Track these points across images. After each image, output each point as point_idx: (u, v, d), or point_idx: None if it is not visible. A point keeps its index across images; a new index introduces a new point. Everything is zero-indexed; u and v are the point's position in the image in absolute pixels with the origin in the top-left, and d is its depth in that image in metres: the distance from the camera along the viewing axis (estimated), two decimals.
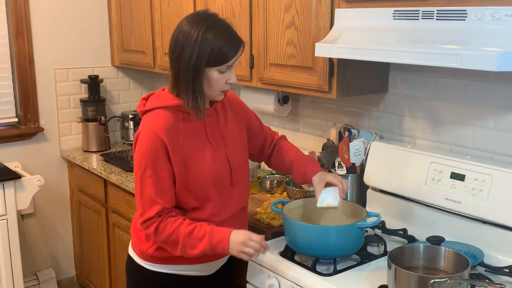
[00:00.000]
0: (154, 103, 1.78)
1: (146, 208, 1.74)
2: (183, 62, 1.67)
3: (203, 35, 1.64)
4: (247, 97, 2.75)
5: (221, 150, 1.83)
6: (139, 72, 3.72)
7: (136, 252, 1.92)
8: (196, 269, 1.89)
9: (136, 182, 1.77)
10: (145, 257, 1.88)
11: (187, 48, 1.65)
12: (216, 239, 1.70)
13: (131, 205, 2.84)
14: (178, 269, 1.87)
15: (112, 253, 3.15)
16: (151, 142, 1.71)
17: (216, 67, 1.67)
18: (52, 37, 3.38)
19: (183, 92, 1.71)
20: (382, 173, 2.18)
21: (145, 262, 1.88)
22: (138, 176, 1.76)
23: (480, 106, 1.99)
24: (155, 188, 1.73)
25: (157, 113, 1.75)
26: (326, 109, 2.60)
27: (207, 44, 1.64)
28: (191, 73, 1.67)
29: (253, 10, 2.38)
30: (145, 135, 1.73)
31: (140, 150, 1.74)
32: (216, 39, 1.64)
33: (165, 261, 1.85)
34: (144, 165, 1.73)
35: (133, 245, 1.95)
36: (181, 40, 1.67)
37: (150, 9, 3.11)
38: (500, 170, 1.84)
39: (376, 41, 1.78)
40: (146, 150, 1.72)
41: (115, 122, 3.67)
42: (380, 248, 1.94)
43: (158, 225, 1.72)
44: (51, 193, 3.47)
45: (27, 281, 3.34)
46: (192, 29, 1.66)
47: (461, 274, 1.50)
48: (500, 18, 1.51)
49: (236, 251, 1.70)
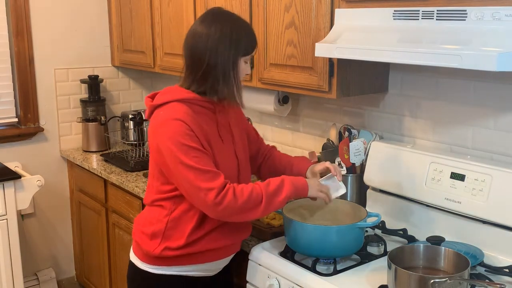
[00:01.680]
0: (167, 97, 1.78)
1: (210, 182, 1.67)
2: (221, 57, 1.73)
3: (235, 28, 1.76)
4: (247, 97, 2.73)
5: (230, 146, 1.86)
6: (139, 72, 3.72)
7: (139, 256, 1.88)
8: (201, 270, 1.88)
9: (182, 170, 1.68)
10: (150, 259, 1.84)
11: (223, 43, 1.73)
12: (295, 180, 1.77)
13: (131, 205, 2.84)
14: (183, 270, 1.85)
15: (112, 253, 3.15)
16: (179, 128, 1.69)
17: (246, 56, 1.79)
18: (52, 37, 3.38)
19: (222, 87, 1.76)
20: (382, 173, 2.18)
21: (149, 266, 1.85)
22: (180, 163, 1.68)
23: (480, 106, 1.99)
24: (206, 163, 1.70)
25: (174, 105, 1.75)
26: (326, 109, 2.60)
27: (241, 36, 1.76)
28: (231, 65, 1.75)
29: (253, 10, 2.38)
30: (170, 124, 1.71)
31: (170, 139, 1.69)
32: (245, 30, 1.79)
33: (171, 262, 1.83)
34: (183, 150, 1.67)
35: (135, 249, 1.92)
36: (214, 39, 1.73)
37: (150, 9, 3.11)
38: (500, 170, 1.84)
39: (376, 41, 1.78)
40: (177, 136, 1.69)
41: (115, 122, 3.67)
42: (380, 248, 1.94)
43: (234, 190, 1.68)
44: (51, 193, 3.47)
45: (27, 281, 3.34)
46: (222, 26, 1.74)
47: (461, 274, 1.50)
48: (500, 18, 1.51)
49: (315, 190, 1.80)
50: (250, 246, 2.00)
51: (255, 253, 1.95)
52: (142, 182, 2.82)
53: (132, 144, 3.47)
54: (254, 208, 1.70)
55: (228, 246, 1.88)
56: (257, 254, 1.94)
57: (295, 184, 1.76)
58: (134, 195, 2.78)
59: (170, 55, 2.99)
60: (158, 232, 1.82)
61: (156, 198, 1.84)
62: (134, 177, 2.91)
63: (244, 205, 1.69)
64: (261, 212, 1.71)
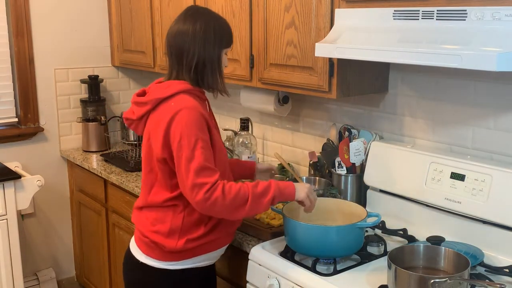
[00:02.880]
0: (172, 89, 1.83)
1: (206, 178, 1.71)
2: (208, 51, 1.84)
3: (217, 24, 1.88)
4: (247, 97, 2.75)
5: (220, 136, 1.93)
6: (139, 72, 3.72)
7: (156, 256, 1.87)
8: (212, 257, 1.96)
9: (187, 159, 1.72)
10: (171, 256, 1.86)
11: (209, 38, 1.84)
12: (281, 183, 1.81)
13: (131, 205, 2.83)
14: (199, 261, 1.90)
15: (112, 253, 3.15)
16: (196, 117, 1.76)
17: (227, 48, 1.91)
18: (52, 37, 3.38)
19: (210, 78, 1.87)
20: (382, 173, 2.18)
21: (169, 263, 1.87)
22: (189, 151, 1.72)
23: (480, 106, 1.99)
24: (209, 158, 1.75)
25: (183, 96, 1.82)
26: (326, 109, 2.60)
27: (223, 31, 1.89)
28: (216, 58, 1.87)
29: (253, 10, 2.38)
30: (186, 112, 1.76)
31: (185, 126, 1.74)
32: (225, 25, 1.91)
33: (194, 253, 1.87)
34: (194, 139, 1.73)
35: (148, 251, 1.89)
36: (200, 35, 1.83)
37: (150, 9, 3.11)
38: (500, 170, 1.84)
39: (376, 41, 1.78)
40: (192, 124, 1.74)
41: (115, 122, 3.67)
42: (380, 248, 1.94)
43: (223, 187, 1.71)
44: (51, 193, 3.47)
45: (27, 281, 3.34)
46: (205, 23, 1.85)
47: (461, 274, 1.50)
48: (500, 18, 1.51)
49: (304, 193, 1.82)
50: (250, 246, 2.00)
51: (255, 253, 1.95)
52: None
53: (132, 144, 3.47)
54: (240, 206, 1.73)
55: (233, 231, 1.97)
56: (257, 254, 1.94)
57: (281, 187, 1.79)
58: (134, 195, 2.78)
59: None
60: (176, 228, 1.84)
61: (169, 197, 1.85)
62: (134, 177, 2.91)
63: (231, 203, 1.72)
64: (247, 211, 1.74)
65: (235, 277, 2.12)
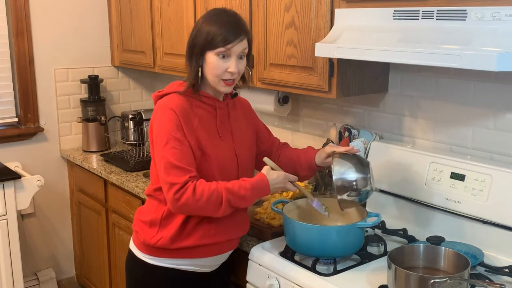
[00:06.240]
0: (168, 89, 1.89)
1: (175, 177, 1.72)
2: (189, 47, 1.83)
3: (204, 21, 1.81)
4: (247, 97, 2.74)
5: (229, 144, 1.90)
6: (139, 72, 3.72)
7: (138, 245, 1.93)
8: (197, 265, 1.90)
9: (159, 157, 1.77)
10: (148, 249, 1.88)
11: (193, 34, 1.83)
12: (254, 180, 1.78)
13: (131, 205, 2.84)
14: (180, 264, 1.88)
15: (112, 253, 3.15)
16: (170, 117, 1.78)
17: (213, 50, 1.78)
18: (52, 37, 3.38)
19: (190, 75, 1.84)
20: (382, 173, 2.17)
21: (147, 256, 1.89)
22: (160, 150, 1.77)
23: (480, 106, 1.99)
24: (181, 157, 1.75)
25: (172, 96, 1.84)
26: (326, 109, 2.60)
27: (205, 28, 1.79)
28: (195, 56, 1.81)
29: (253, 10, 2.38)
30: (163, 112, 1.80)
31: (160, 125, 1.79)
32: (214, 24, 1.78)
33: (167, 254, 1.86)
34: (166, 138, 1.76)
35: (134, 239, 1.97)
36: (192, 31, 1.85)
37: (150, 9, 3.11)
38: (500, 170, 1.84)
39: (376, 41, 1.78)
40: (167, 124, 1.77)
41: (115, 122, 3.67)
42: (380, 248, 1.94)
43: (194, 188, 1.71)
44: (51, 193, 3.47)
45: (27, 281, 3.34)
46: (201, 20, 1.83)
47: (461, 274, 1.50)
48: (500, 18, 1.51)
49: (280, 183, 1.81)
50: (250, 246, 2.00)
51: (255, 253, 1.95)
52: (142, 182, 2.82)
53: (132, 144, 3.47)
54: (216, 207, 1.74)
55: (223, 243, 1.90)
56: (257, 254, 1.94)
57: (253, 184, 1.77)
58: (134, 195, 2.78)
59: (170, 55, 3.00)
60: (155, 220, 1.87)
61: (154, 188, 1.90)
62: (134, 177, 2.91)
63: (205, 204, 1.72)
64: (223, 211, 1.75)
65: (235, 277, 2.12)
